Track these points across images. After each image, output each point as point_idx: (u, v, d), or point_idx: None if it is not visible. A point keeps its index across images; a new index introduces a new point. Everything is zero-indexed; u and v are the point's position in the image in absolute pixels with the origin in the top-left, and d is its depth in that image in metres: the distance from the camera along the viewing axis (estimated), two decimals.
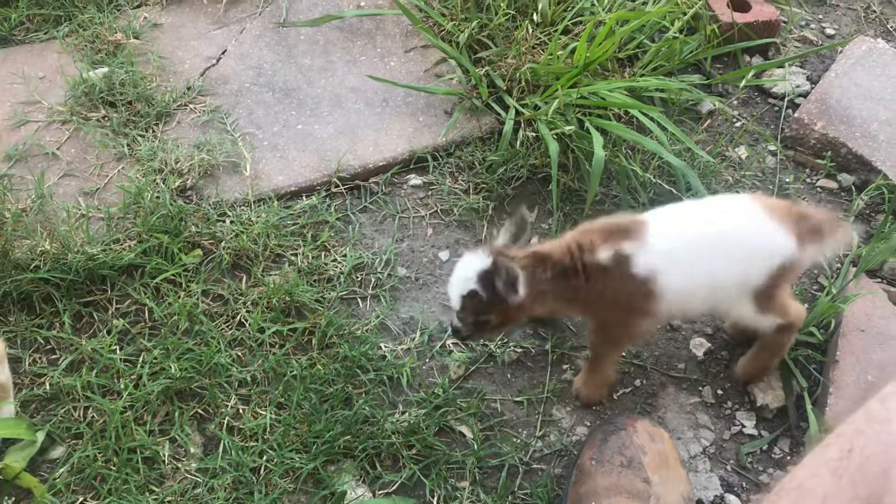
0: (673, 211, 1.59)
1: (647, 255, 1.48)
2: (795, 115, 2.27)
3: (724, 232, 1.53)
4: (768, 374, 1.76)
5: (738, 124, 2.29)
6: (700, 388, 1.77)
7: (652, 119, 2.00)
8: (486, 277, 1.45)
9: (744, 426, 1.73)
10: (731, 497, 1.62)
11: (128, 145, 2.04)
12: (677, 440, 1.68)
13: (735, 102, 2.35)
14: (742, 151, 2.21)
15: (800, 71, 2.44)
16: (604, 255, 1.48)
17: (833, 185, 2.16)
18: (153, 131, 2.09)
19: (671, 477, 1.50)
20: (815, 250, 1.57)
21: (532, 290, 1.47)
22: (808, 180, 2.18)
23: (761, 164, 2.20)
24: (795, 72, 2.43)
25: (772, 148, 2.23)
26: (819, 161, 2.19)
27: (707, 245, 1.51)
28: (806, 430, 1.69)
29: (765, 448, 1.70)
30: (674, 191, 1.96)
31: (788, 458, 1.69)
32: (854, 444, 0.63)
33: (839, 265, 1.97)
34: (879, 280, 1.96)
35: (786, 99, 2.35)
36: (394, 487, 1.59)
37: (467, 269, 1.48)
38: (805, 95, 2.35)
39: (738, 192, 2.09)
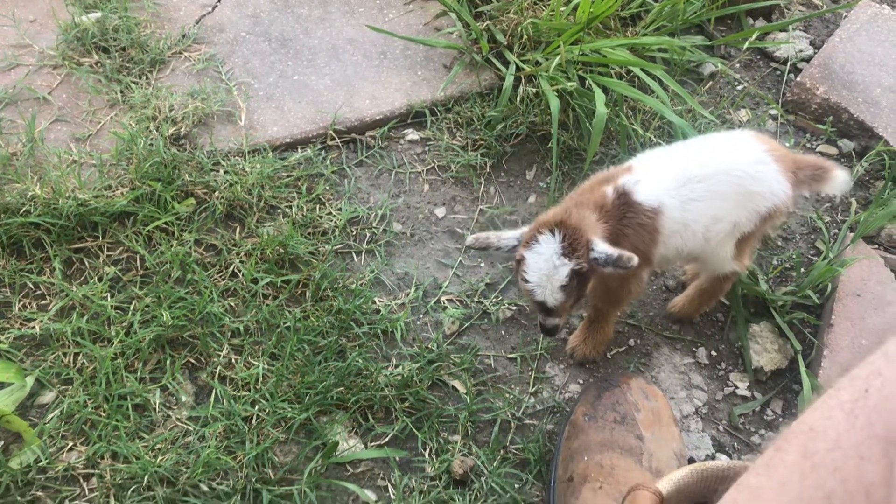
0: (676, 150, 1.58)
1: (648, 188, 1.48)
2: (797, 79, 2.24)
3: (725, 169, 1.50)
4: (699, 314, 1.80)
5: (739, 87, 2.27)
6: (694, 349, 1.77)
7: (654, 78, 1.97)
8: (575, 249, 1.39)
9: (737, 387, 1.73)
10: (722, 457, 1.63)
11: (121, 92, 2.00)
12: (670, 400, 1.68)
13: (737, 65, 2.32)
14: (743, 114, 2.19)
15: (803, 35, 2.41)
16: (610, 195, 1.47)
17: (833, 150, 2.15)
18: (147, 78, 2.05)
19: (664, 434, 1.50)
20: (805, 193, 1.61)
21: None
22: (809, 145, 2.16)
23: (762, 128, 2.18)
24: (799, 36, 2.40)
25: (773, 112, 2.21)
26: (820, 126, 2.17)
27: (708, 180, 1.49)
28: (799, 393, 1.69)
29: (757, 410, 1.70)
30: None
31: (781, 419, 1.69)
32: (871, 384, 0.61)
33: (836, 230, 1.96)
34: (876, 246, 1.95)
35: (788, 63, 2.32)
36: (386, 439, 1.58)
37: (549, 259, 1.40)
38: (808, 60, 2.33)
39: None
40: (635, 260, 1.36)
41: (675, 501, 1.03)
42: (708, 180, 1.49)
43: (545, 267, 1.40)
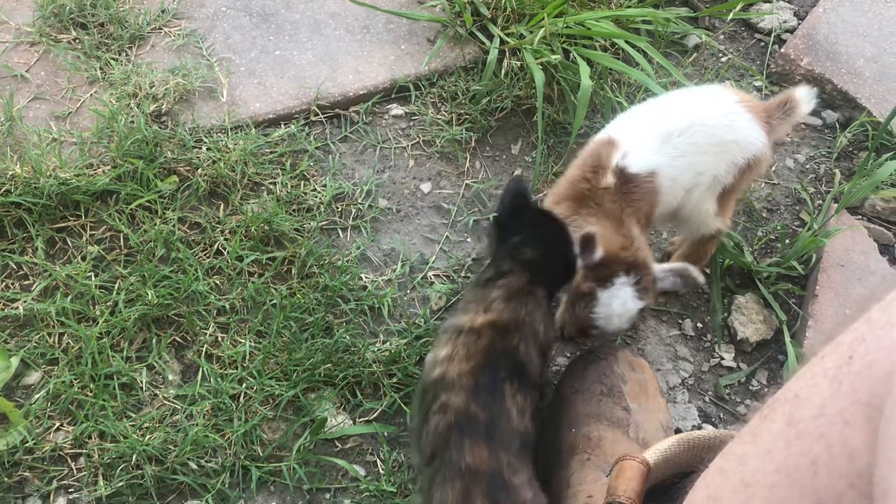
0: (648, 109, 1.61)
1: (638, 156, 1.50)
2: (782, 50, 2.24)
3: (700, 121, 1.53)
4: None
5: (724, 59, 2.26)
6: (680, 321, 1.78)
7: (639, 50, 1.96)
8: (645, 288, 1.46)
9: (722, 359, 1.74)
10: (708, 427, 1.64)
11: (100, 69, 1.97)
12: (656, 371, 1.69)
13: (721, 37, 2.31)
14: (728, 86, 2.18)
15: (787, 6, 2.41)
16: (613, 183, 1.49)
17: (817, 121, 2.15)
18: (126, 55, 2.02)
19: (650, 406, 1.51)
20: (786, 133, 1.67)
21: None
22: None
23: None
24: (783, 6, 2.40)
25: (758, 83, 2.21)
26: None
27: (686, 134, 1.52)
28: (784, 363, 1.71)
29: (743, 380, 1.72)
30: None
31: (766, 390, 1.71)
32: (854, 350, 0.62)
33: (821, 201, 1.97)
34: (860, 217, 1.96)
35: (772, 34, 2.32)
36: (374, 415, 1.58)
37: (623, 301, 1.46)
38: (792, 31, 2.32)
39: None
40: (701, 278, 1.44)
41: (661, 471, 1.04)
42: (686, 133, 1.51)
43: (619, 309, 1.46)
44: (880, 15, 2.32)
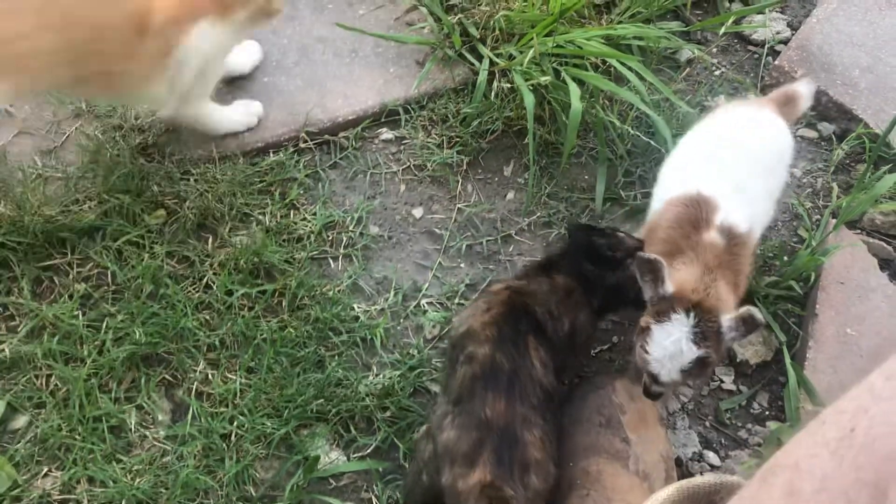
0: (715, 153, 1.59)
1: (737, 214, 1.48)
2: (776, 62, 2.21)
3: (764, 150, 1.58)
4: None
5: (717, 73, 2.23)
6: None
7: (630, 69, 1.94)
8: (706, 337, 1.34)
9: (722, 381, 1.71)
10: (709, 453, 1.61)
11: (85, 101, 1.94)
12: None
13: (714, 50, 2.28)
14: (722, 101, 2.16)
15: (780, 17, 2.38)
16: (720, 241, 1.45)
17: (813, 134, 2.12)
18: None
19: (650, 436, 1.48)
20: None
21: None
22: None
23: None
24: (776, 18, 2.37)
25: (752, 97, 2.18)
26: None
27: (756, 169, 1.55)
28: (785, 385, 1.68)
29: (743, 403, 1.69)
30: (652, 142, 1.91)
31: (767, 413, 1.68)
32: (857, 423, 0.59)
33: (819, 216, 1.94)
34: (859, 231, 1.93)
35: (766, 46, 2.29)
36: (368, 451, 1.56)
37: (678, 341, 1.34)
38: (785, 42, 2.29)
39: None
40: (760, 317, 1.33)
41: None
42: (755, 165, 1.56)
43: (671, 348, 1.35)
44: (875, 24, 2.29)
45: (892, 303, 1.76)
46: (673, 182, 1.58)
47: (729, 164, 1.54)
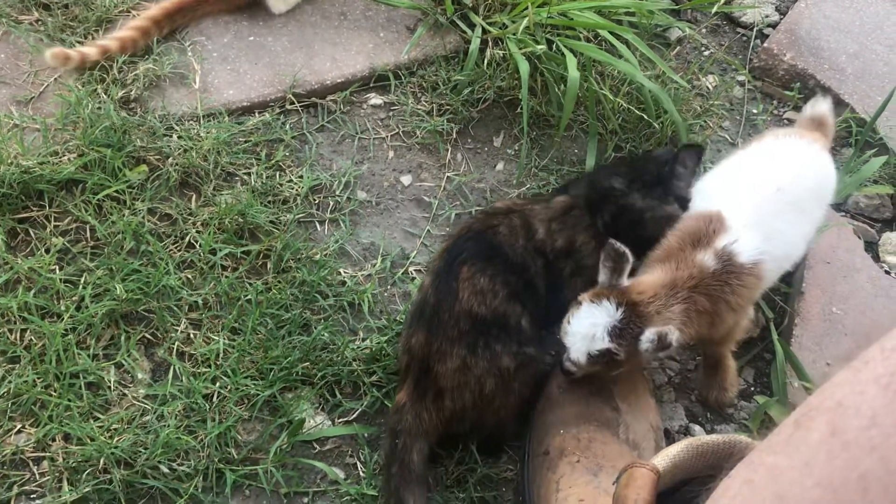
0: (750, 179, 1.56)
1: (748, 244, 1.43)
2: (764, 45, 2.22)
3: (801, 187, 1.55)
4: None
5: (706, 53, 2.23)
6: None
7: (622, 41, 1.92)
8: (622, 335, 1.33)
9: None
10: (695, 427, 1.61)
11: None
12: (643, 370, 1.65)
13: (704, 30, 2.28)
14: (711, 80, 2.16)
15: (769, 1, 2.38)
16: (711, 264, 1.41)
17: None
18: (93, 38, 1.92)
19: (640, 405, 1.47)
20: None
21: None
22: (776, 112, 2.14)
23: (728, 94, 2.15)
24: (764, 1, 2.37)
25: (740, 78, 2.18)
26: (787, 93, 2.15)
27: (786, 205, 1.51)
28: (770, 362, 1.68)
29: None
30: (644, 116, 1.90)
31: (753, 388, 1.68)
32: None
33: None
34: (843, 214, 1.95)
35: (755, 29, 2.29)
36: (354, 415, 1.53)
37: (595, 325, 1.34)
38: (774, 26, 2.30)
39: (705, 121, 2.04)
40: (674, 337, 1.29)
41: (669, 477, 1.00)
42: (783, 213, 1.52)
43: (587, 329, 1.34)
44: (861, 11, 2.31)
45: (877, 283, 1.77)
46: (702, 200, 1.56)
47: (759, 194, 1.50)
